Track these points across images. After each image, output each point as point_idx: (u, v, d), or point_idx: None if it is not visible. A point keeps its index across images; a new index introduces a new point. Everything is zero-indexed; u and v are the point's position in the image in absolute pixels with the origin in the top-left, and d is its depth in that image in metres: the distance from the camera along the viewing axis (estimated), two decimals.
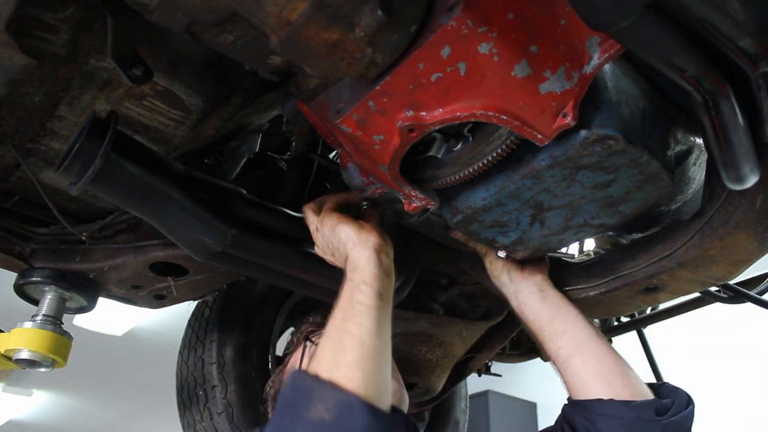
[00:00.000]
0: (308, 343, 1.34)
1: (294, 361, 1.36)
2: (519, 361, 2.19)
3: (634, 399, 1.05)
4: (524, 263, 1.28)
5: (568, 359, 1.14)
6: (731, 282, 1.42)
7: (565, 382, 1.15)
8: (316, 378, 0.88)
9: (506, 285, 1.30)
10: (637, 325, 2.07)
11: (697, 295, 1.70)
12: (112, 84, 1.06)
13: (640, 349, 2.07)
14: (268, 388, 1.43)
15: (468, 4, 0.73)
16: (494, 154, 0.93)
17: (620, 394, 1.05)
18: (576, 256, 1.76)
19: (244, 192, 1.22)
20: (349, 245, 1.10)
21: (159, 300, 1.51)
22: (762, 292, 1.60)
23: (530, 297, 1.24)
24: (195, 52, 1.05)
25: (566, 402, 1.15)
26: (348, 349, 0.91)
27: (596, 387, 1.08)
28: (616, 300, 1.27)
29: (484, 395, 5.18)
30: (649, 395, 1.07)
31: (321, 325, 1.42)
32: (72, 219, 1.34)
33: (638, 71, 1.01)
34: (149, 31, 0.97)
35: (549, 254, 1.36)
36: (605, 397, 1.05)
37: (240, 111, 1.17)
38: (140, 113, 1.13)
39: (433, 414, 2.15)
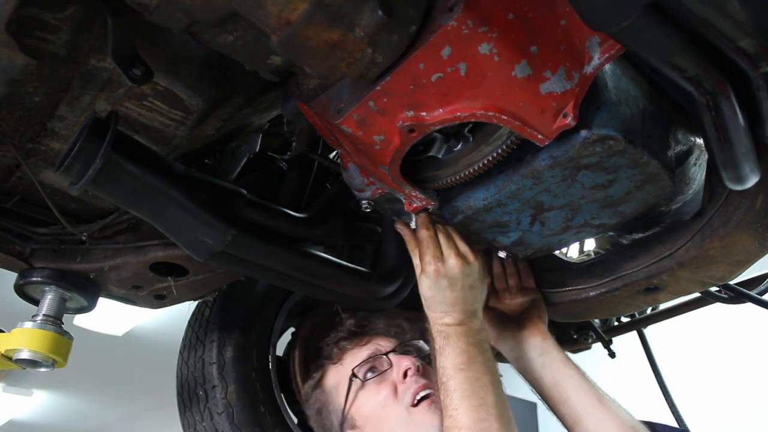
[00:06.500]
0: (354, 379, 1.34)
1: (335, 386, 1.38)
2: None
3: None
4: (522, 326, 1.30)
5: (573, 427, 1.20)
6: (731, 282, 1.42)
7: None
8: None
9: (506, 352, 1.32)
10: (637, 325, 2.06)
11: (697, 295, 1.70)
12: (112, 84, 1.06)
13: (641, 349, 2.07)
14: (311, 402, 1.44)
15: (468, 4, 0.73)
16: (494, 155, 0.93)
17: None
18: (576, 256, 1.76)
19: (245, 192, 1.21)
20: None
21: (159, 300, 1.51)
22: (762, 292, 1.60)
23: (530, 363, 1.27)
24: (195, 52, 1.05)
25: None
26: None
27: None
28: (616, 300, 1.27)
29: None
30: None
31: (355, 334, 1.42)
32: (72, 219, 1.33)
33: (638, 71, 1.00)
34: (149, 31, 0.97)
35: (549, 254, 1.35)
36: None
37: (240, 111, 1.17)
38: (140, 113, 1.13)
39: None
